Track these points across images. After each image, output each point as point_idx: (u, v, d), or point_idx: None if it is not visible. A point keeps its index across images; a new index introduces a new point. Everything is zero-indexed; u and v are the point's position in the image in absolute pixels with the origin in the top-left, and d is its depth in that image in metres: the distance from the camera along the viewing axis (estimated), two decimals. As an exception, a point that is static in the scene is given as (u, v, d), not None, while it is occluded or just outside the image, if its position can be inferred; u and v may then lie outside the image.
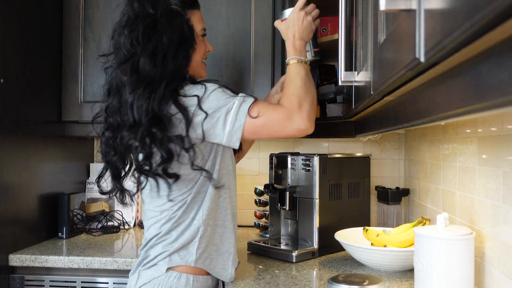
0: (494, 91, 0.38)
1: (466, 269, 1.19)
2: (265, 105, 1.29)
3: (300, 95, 1.30)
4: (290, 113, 1.28)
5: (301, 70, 1.36)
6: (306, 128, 1.29)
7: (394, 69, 0.60)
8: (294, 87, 1.33)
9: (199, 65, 1.44)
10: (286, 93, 1.33)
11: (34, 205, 1.96)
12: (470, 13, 0.34)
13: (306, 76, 1.37)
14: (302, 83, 1.34)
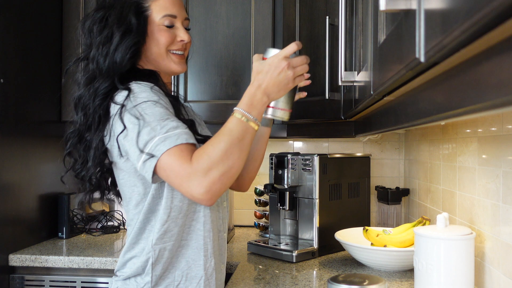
0: (494, 91, 0.38)
1: (466, 269, 1.19)
2: (178, 152, 1.05)
3: (215, 159, 1.05)
4: (190, 174, 1.05)
5: (238, 130, 1.09)
6: (201, 199, 1.06)
7: (394, 69, 0.60)
8: (215, 146, 1.07)
9: (164, 57, 1.25)
10: (205, 147, 1.08)
11: (34, 205, 1.96)
12: (470, 13, 0.34)
13: (240, 140, 1.09)
14: (228, 146, 1.07)
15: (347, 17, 1.12)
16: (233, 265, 1.71)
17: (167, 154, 1.05)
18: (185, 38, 1.27)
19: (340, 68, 1.11)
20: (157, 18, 1.23)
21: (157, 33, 1.24)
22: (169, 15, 1.24)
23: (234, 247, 1.96)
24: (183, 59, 1.30)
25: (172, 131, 1.07)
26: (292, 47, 1.15)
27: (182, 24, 1.27)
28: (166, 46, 1.25)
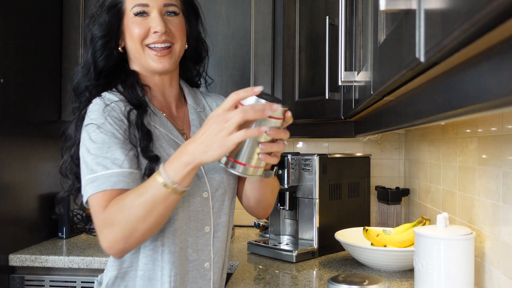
0: (494, 91, 0.38)
1: (466, 269, 1.19)
2: (98, 199, 1.01)
3: (120, 217, 0.97)
4: (100, 225, 1.00)
5: (156, 194, 0.96)
6: (108, 252, 1.02)
7: (394, 69, 0.60)
8: (129, 211, 0.97)
9: (141, 53, 1.13)
10: (122, 198, 0.99)
11: (34, 205, 1.96)
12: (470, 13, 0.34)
13: (155, 206, 0.96)
14: (144, 211, 0.96)
15: (347, 17, 1.12)
16: (233, 265, 1.71)
17: (91, 198, 1.02)
18: (157, 29, 1.09)
19: (340, 68, 1.11)
20: (129, 10, 1.12)
21: (130, 26, 1.12)
22: (139, 4, 1.11)
23: (234, 247, 1.96)
24: (166, 55, 1.12)
25: (102, 172, 1.01)
26: (231, 99, 0.94)
27: (160, 13, 1.11)
28: (140, 40, 1.12)
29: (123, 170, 1.02)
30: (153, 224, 0.99)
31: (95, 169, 1.02)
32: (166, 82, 1.20)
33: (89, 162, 1.03)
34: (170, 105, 1.22)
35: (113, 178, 1.01)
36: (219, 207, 1.17)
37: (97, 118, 1.06)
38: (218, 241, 1.17)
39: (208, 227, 1.15)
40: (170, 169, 0.96)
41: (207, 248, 1.15)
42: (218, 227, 1.18)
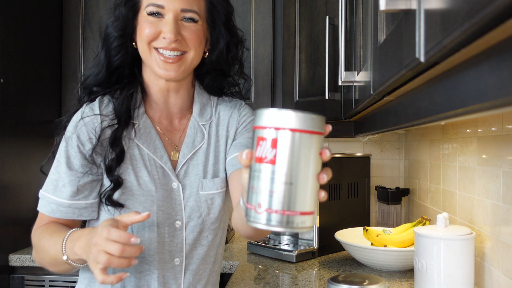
0: (494, 91, 0.38)
1: (466, 269, 1.19)
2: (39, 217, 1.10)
3: (37, 256, 1.06)
4: (31, 236, 1.08)
5: (58, 257, 0.97)
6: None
7: (394, 69, 0.60)
8: (41, 253, 1.03)
9: (148, 55, 1.03)
10: (39, 240, 1.03)
11: (34, 205, 1.96)
12: (470, 13, 0.34)
13: (59, 263, 0.99)
14: (49, 260, 1.02)
15: (347, 17, 1.12)
16: (233, 265, 1.71)
17: (39, 212, 1.10)
18: (167, 35, 0.99)
19: (340, 68, 1.11)
20: (144, 6, 1.03)
21: (141, 24, 1.03)
22: (154, 4, 1.01)
23: (234, 247, 1.96)
24: (174, 63, 1.02)
25: (47, 194, 1.06)
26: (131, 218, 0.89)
27: (175, 17, 1.01)
28: (148, 41, 1.02)
29: (63, 201, 1.03)
30: (60, 272, 1.04)
31: (46, 186, 1.07)
32: (172, 89, 1.09)
33: (49, 174, 1.07)
34: (173, 115, 1.12)
35: (53, 205, 1.05)
36: (195, 238, 1.08)
37: (69, 131, 1.05)
38: (191, 275, 1.08)
39: (178, 260, 1.07)
40: (67, 245, 0.96)
41: (176, 282, 1.07)
42: (192, 259, 1.08)
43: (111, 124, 1.04)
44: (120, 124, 1.04)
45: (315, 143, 0.65)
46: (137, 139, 1.06)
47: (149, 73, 1.09)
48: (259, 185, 0.61)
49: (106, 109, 1.06)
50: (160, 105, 1.11)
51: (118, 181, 1.02)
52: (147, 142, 1.07)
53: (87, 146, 1.03)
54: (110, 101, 1.07)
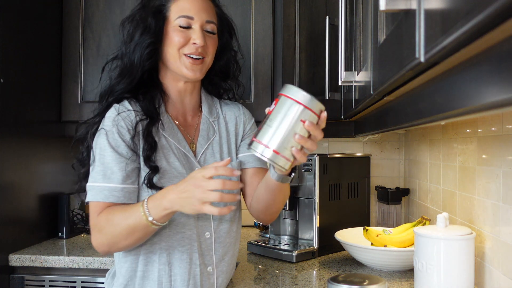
0: (494, 91, 0.38)
1: (466, 269, 1.19)
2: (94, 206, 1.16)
3: (108, 229, 1.12)
4: (93, 227, 1.15)
5: (137, 222, 1.08)
6: (95, 249, 1.16)
7: (394, 69, 0.60)
8: (114, 228, 1.11)
9: (176, 59, 1.22)
10: (113, 211, 1.12)
11: (34, 205, 1.96)
12: (470, 13, 0.34)
13: (132, 228, 1.09)
14: (126, 232, 1.10)
15: (347, 17, 1.12)
16: (233, 265, 1.71)
17: (90, 203, 1.16)
18: (197, 41, 1.20)
19: (340, 68, 1.11)
20: (174, 18, 1.21)
21: (172, 33, 1.21)
22: (185, 16, 1.21)
23: (234, 247, 1.96)
24: (198, 65, 1.22)
25: (98, 183, 1.15)
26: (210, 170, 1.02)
27: (201, 27, 1.22)
28: (178, 47, 1.21)
29: (116, 185, 1.14)
30: (133, 242, 1.13)
31: (94, 177, 1.16)
32: (188, 90, 1.30)
33: (93, 168, 1.17)
34: (186, 113, 1.32)
35: (105, 192, 1.14)
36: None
37: (108, 125, 1.18)
38: (220, 247, 1.26)
39: (208, 233, 1.24)
40: (151, 206, 1.08)
41: (209, 253, 1.24)
42: (220, 233, 1.26)
43: (143, 119, 1.20)
44: (151, 119, 1.21)
45: (299, 111, 0.99)
46: (164, 132, 1.23)
47: (169, 76, 1.27)
48: (261, 125, 1.02)
49: (135, 107, 1.22)
50: (177, 104, 1.30)
51: (155, 167, 1.17)
52: (171, 135, 1.24)
53: (126, 136, 1.17)
54: (136, 102, 1.23)
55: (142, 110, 1.21)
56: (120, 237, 1.11)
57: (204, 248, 1.23)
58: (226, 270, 1.28)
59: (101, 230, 1.13)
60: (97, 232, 1.14)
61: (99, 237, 1.14)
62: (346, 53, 1.12)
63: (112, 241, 1.12)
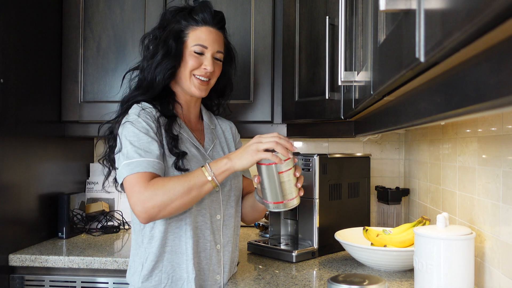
0: (494, 91, 0.38)
1: (466, 269, 1.19)
2: (135, 178, 1.27)
3: (165, 190, 1.24)
4: (140, 194, 1.25)
5: (197, 181, 1.27)
6: (138, 215, 1.26)
7: (394, 69, 0.60)
8: (172, 187, 1.25)
9: (187, 78, 1.44)
10: (167, 179, 1.27)
11: (34, 205, 1.96)
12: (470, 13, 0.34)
13: (192, 189, 1.26)
14: (184, 191, 1.25)
15: (347, 17, 1.12)
16: (233, 265, 1.71)
17: (127, 178, 1.28)
18: (207, 67, 1.43)
19: (340, 68, 1.11)
20: (191, 45, 1.43)
21: (187, 57, 1.43)
22: (200, 44, 1.43)
23: (234, 247, 1.96)
24: (205, 85, 1.46)
25: (136, 159, 1.28)
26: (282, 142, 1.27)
27: (212, 56, 1.44)
28: (191, 69, 1.43)
29: (154, 160, 1.29)
30: (186, 203, 1.27)
31: (131, 156, 1.29)
32: (193, 102, 1.53)
33: (126, 151, 1.30)
34: (192, 119, 1.54)
35: (145, 163, 1.28)
36: (227, 200, 1.46)
37: (135, 118, 1.34)
38: (226, 229, 1.46)
39: (219, 216, 1.44)
40: (213, 166, 1.28)
41: (218, 233, 1.44)
42: (227, 217, 1.46)
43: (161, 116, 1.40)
44: (170, 117, 1.42)
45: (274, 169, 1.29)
46: (180, 130, 1.44)
47: (179, 89, 1.49)
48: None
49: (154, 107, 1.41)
50: (185, 111, 1.52)
51: (183, 152, 1.37)
52: (185, 133, 1.45)
53: (152, 125, 1.35)
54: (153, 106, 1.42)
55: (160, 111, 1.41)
56: (177, 195, 1.24)
57: (215, 228, 1.43)
58: (230, 251, 1.46)
59: (156, 192, 1.24)
60: (149, 195, 1.24)
61: (152, 199, 1.23)
62: (346, 53, 1.12)
63: (167, 201, 1.24)
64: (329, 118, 1.65)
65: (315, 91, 1.76)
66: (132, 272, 1.42)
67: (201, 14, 1.45)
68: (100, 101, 2.07)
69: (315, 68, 1.76)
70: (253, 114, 2.03)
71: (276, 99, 2.04)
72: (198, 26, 1.44)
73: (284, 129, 2.05)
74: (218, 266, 1.43)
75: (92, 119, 2.07)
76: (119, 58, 2.07)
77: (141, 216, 1.25)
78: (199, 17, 1.45)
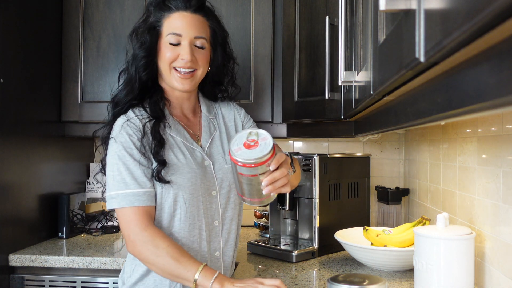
0: (494, 91, 0.38)
1: (466, 269, 1.19)
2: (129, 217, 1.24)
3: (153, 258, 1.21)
4: (136, 241, 1.23)
5: (183, 280, 1.21)
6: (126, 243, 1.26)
7: (394, 69, 0.60)
8: (162, 262, 1.21)
9: (167, 73, 1.33)
10: (159, 248, 1.21)
11: (34, 205, 1.96)
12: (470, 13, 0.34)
13: (174, 278, 1.23)
14: (166, 273, 1.23)
15: (347, 17, 1.12)
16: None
17: (121, 210, 1.24)
18: (185, 57, 1.29)
19: (340, 68, 1.11)
20: (165, 35, 1.31)
21: (163, 49, 1.31)
22: (174, 33, 1.30)
23: (234, 247, 1.96)
24: (187, 78, 1.32)
25: (121, 191, 1.23)
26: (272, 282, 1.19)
27: (190, 43, 1.31)
28: (169, 62, 1.31)
29: (138, 190, 1.24)
30: (168, 278, 1.25)
31: (116, 187, 1.24)
32: (185, 97, 1.41)
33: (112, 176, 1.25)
34: (187, 115, 1.43)
35: (130, 197, 1.23)
36: (226, 203, 1.38)
37: (117, 134, 1.28)
38: (226, 233, 1.39)
39: (217, 221, 1.37)
40: (203, 278, 1.18)
41: (216, 240, 1.37)
42: (226, 220, 1.39)
43: (149, 120, 1.31)
44: (156, 120, 1.32)
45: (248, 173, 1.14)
46: (171, 132, 1.34)
47: (166, 86, 1.38)
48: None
49: (139, 113, 1.33)
50: (177, 109, 1.41)
51: (163, 161, 1.27)
52: (179, 134, 1.35)
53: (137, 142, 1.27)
54: (141, 108, 1.34)
55: (148, 113, 1.32)
56: (162, 270, 1.21)
57: (212, 235, 1.36)
58: (231, 254, 1.41)
59: (148, 248, 1.21)
60: (142, 243, 1.21)
61: (143, 249, 1.21)
62: (346, 53, 1.12)
63: (152, 262, 1.22)
64: (329, 118, 1.65)
65: (315, 91, 1.76)
66: (121, 276, 1.40)
67: (173, 0, 1.31)
68: (100, 101, 2.07)
69: (315, 68, 1.76)
70: (253, 114, 2.03)
71: (276, 99, 2.04)
72: (171, 13, 1.31)
73: (284, 129, 2.05)
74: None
75: (92, 119, 2.07)
76: (119, 58, 2.07)
77: (128, 247, 1.25)
78: (171, 3, 1.31)
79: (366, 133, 1.34)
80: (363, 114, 1.26)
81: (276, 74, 2.04)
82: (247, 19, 2.02)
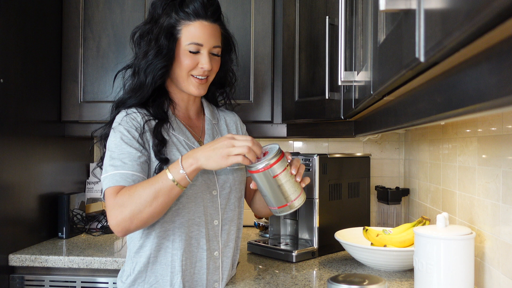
0: (494, 91, 0.38)
1: (466, 269, 1.19)
2: (110, 191, 1.22)
3: (131, 200, 1.17)
4: (111, 206, 1.20)
5: (163, 185, 1.17)
6: (113, 230, 1.21)
7: (394, 69, 0.60)
8: (138, 196, 1.17)
9: (184, 79, 1.35)
10: (132, 186, 1.20)
11: (34, 205, 1.96)
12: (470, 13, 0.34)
13: (157, 192, 1.17)
14: (151, 197, 1.17)
15: (347, 17, 1.12)
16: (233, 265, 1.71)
17: (105, 191, 1.23)
18: (205, 66, 1.33)
19: (340, 68, 1.11)
20: (184, 43, 1.32)
21: (182, 57, 1.33)
22: (195, 43, 1.32)
23: (234, 247, 1.96)
24: (204, 83, 1.37)
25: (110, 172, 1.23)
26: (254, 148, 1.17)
27: (208, 52, 1.34)
28: (188, 70, 1.34)
29: (127, 172, 1.23)
30: (156, 210, 1.18)
31: (107, 169, 1.25)
32: (191, 99, 1.45)
33: (105, 164, 1.27)
34: (191, 117, 1.46)
35: (117, 177, 1.23)
36: (226, 203, 1.39)
37: (116, 125, 1.30)
38: (225, 234, 1.40)
39: (216, 221, 1.37)
40: (184, 163, 1.17)
41: (216, 239, 1.37)
42: (225, 221, 1.39)
43: (150, 119, 1.33)
44: (159, 120, 1.34)
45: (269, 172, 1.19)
46: (174, 132, 1.36)
47: (174, 89, 1.41)
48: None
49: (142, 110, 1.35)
50: (183, 109, 1.44)
51: (165, 159, 1.29)
52: (181, 133, 1.38)
53: (135, 133, 1.29)
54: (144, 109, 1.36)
55: (151, 114, 1.34)
56: (145, 204, 1.17)
57: (211, 234, 1.36)
58: (230, 255, 1.41)
59: (123, 204, 1.18)
60: (118, 208, 1.18)
61: (121, 212, 1.17)
62: (346, 53, 1.12)
63: (135, 210, 1.17)
64: (329, 118, 1.65)
65: (315, 91, 1.76)
66: (120, 276, 1.40)
67: (192, 6, 1.30)
68: (100, 101, 2.07)
69: (315, 68, 1.76)
70: (253, 114, 2.03)
71: (276, 99, 2.04)
72: (190, 21, 1.31)
73: (284, 129, 2.05)
74: (217, 274, 1.38)
75: (92, 119, 2.07)
76: (119, 58, 2.07)
77: (115, 230, 1.20)
78: (190, 9, 1.30)
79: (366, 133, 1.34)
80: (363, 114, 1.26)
81: (276, 74, 2.04)
82: (247, 19, 2.02)
